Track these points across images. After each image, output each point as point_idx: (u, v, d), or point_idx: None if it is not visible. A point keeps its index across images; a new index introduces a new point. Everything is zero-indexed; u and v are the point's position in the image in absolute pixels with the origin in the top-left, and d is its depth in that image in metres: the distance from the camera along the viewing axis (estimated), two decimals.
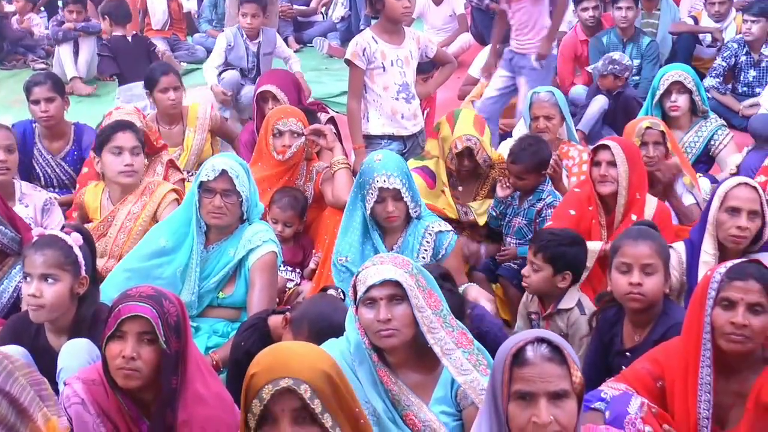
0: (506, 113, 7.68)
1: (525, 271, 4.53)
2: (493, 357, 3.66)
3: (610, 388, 3.38)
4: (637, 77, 8.09)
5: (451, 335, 3.34)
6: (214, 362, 4.16)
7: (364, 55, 5.92)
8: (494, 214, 5.60)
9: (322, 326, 3.69)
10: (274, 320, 3.97)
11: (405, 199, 4.65)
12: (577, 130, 7.08)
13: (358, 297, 3.38)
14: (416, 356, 3.42)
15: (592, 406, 3.27)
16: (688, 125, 6.29)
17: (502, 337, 4.08)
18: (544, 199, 5.44)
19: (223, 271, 4.53)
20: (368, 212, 4.67)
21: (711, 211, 4.34)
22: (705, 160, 6.33)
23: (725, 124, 6.52)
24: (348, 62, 5.99)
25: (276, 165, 5.60)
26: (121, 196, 5.12)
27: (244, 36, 8.09)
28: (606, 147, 4.90)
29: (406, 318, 3.32)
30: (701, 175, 6.02)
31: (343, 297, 4.02)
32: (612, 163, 4.86)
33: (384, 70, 5.93)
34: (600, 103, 7.47)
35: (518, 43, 7.24)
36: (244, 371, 2.71)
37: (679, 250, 4.44)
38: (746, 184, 4.29)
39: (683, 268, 4.42)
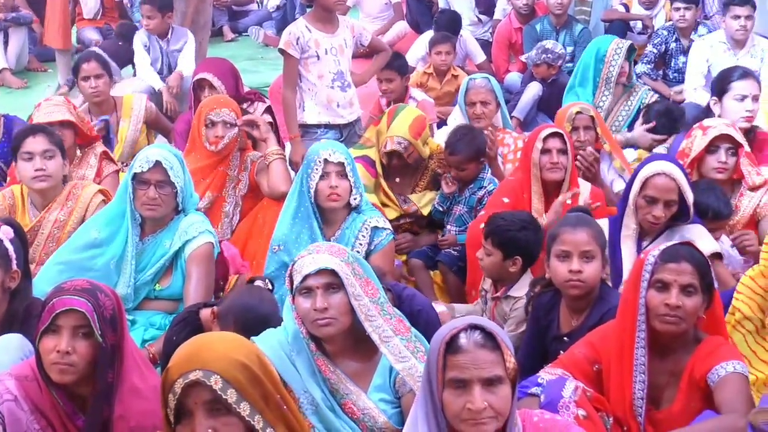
0: (442, 101, 7.72)
1: (479, 254, 4.55)
2: (427, 335, 3.73)
3: (546, 374, 3.41)
4: (570, 64, 8.17)
5: (389, 323, 3.35)
6: (151, 355, 4.12)
7: (297, 44, 5.89)
8: (441, 209, 5.61)
9: (248, 318, 3.69)
10: (205, 314, 3.95)
11: (349, 178, 4.66)
12: (512, 117, 7.16)
13: (294, 286, 3.37)
14: (354, 344, 3.42)
15: (529, 391, 3.29)
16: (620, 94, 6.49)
17: (433, 314, 4.15)
18: (485, 186, 5.49)
19: (159, 263, 4.50)
20: (312, 193, 4.65)
21: (631, 193, 4.40)
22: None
23: (650, 89, 6.74)
24: (282, 52, 5.97)
25: (209, 156, 5.53)
26: (43, 202, 4.93)
27: (155, 35, 8.07)
28: (556, 135, 4.97)
29: (342, 306, 3.32)
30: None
31: (271, 288, 4.01)
32: (563, 151, 4.94)
33: (318, 59, 5.91)
34: (534, 90, 7.55)
35: None
36: None
37: (602, 225, 4.49)
38: (664, 173, 4.31)
39: (605, 242, 4.48)
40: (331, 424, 3.34)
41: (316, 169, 4.64)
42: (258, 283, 3.99)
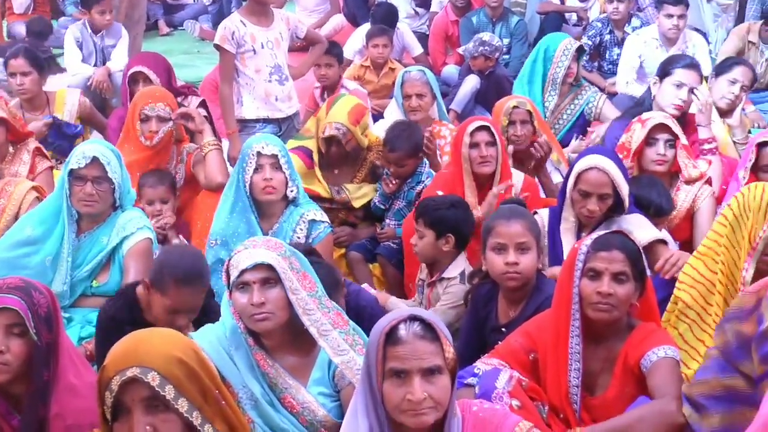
0: (379, 94, 7.74)
1: (413, 239, 4.57)
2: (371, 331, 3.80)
3: (483, 364, 3.43)
4: (507, 56, 8.24)
5: (327, 316, 3.34)
6: (88, 352, 4.08)
7: (233, 38, 5.86)
8: (381, 207, 5.62)
9: (186, 271, 3.72)
10: (139, 290, 3.94)
11: (283, 170, 4.65)
12: (449, 109, 7.19)
13: (231, 281, 3.36)
14: (293, 339, 3.42)
15: (466, 381, 3.31)
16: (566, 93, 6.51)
17: (378, 310, 4.15)
18: (423, 181, 5.51)
19: (96, 260, 4.47)
20: (247, 186, 4.64)
21: (567, 187, 4.45)
22: (581, 124, 6.54)
23: (597, 90, 6.78)
24: (217, 47, 5.93)
25: (144, 149, 5.46)
26: None
27: (89, 30, 7.95)
28: (483, 128, 4.98)
29: (279, 301, 3.31)
30: None
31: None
32: (491, 143, 4.95)
33: (255, 53, 5.89)
34: (472, 82, 7.58)
35: None
36: (109, 338, 2.73)
37: (542, 215, 4.54)
38: (597, 168, 4.32)
39: (545, 231, 4.51)
40: (271, 418, 3.33)
41: (250, 163, 4.63)
42: (174, 241, 3.96)
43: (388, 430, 2.62)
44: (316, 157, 5.58)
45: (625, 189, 4.35)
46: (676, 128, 4.96)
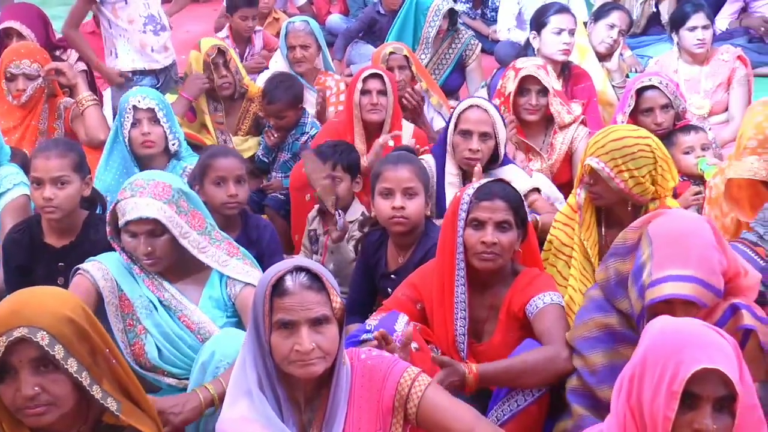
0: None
1: (323, 185, 4.48)
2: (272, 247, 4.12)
3: (373, 320, 3.43)
4: None
5: (221, 248, 3.50)
6: None
7: None
8: (265, 160, 5.62)
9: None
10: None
11: (162, 124, 4.62)
12: (335, 59, 7.16)
13: (119, 224, 3.41)
14: (186, 265, 3.51)
15: (361, 338, 3.31)
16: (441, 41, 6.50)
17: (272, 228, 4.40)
18: (308, 132, 5.51)
19: None
20: (126, 140, 4.61)
21: (448, 134, 4.50)
22: (459, 71, 6.56)
23: (474, 35, 6.82)
24: None
25: (14, 109, 5.31)
26: None
27: None
28: (376, 76, 5.00)
29: (167, 247, 3.41)
30: None
31: None
32: (382, 92, 4.98)
33: (126, 3, 5.74)
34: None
35: None
36: (12, 259, 3.39)
37: (429, 163, 4.57)
38: (477, 106, 4.43)
39: (433, 179, 4.56)
40: (168, 325, 3.41)
41: (128, 117, 4.61)
42: None
43: (277, 381, 2.63)
44: (204, 106, 5.60)
45: (502, 134, 4.43)
46: (546, 79, 5.00)
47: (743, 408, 2.27)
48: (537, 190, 4.53)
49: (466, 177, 4.50)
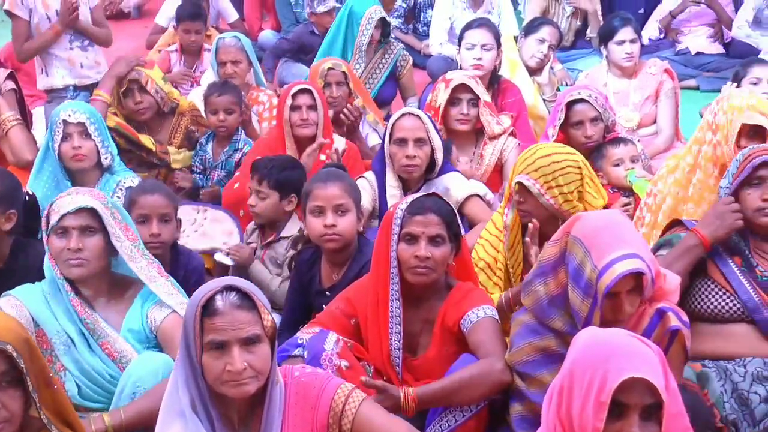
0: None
1: (251, 200, 4.54)
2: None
3: (305, 333, 3.43)
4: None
5: (152, 265, 3.45)
6: None
7: (23, 4, 5.72)
8: (198, 171, 5.60)
9: None
10: None
11: (93, 138, 4.60)
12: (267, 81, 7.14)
13: (50, 226, 3.35)
14: (108, 289, 3.46)
15: (292, 353, 3.31)
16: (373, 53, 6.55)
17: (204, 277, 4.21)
18: (241, 148, 5.51)
19: None
20: (57, 154, 4.60)
21: (385, 145, 4.55)
22: (393, 81, 6.63)
23: (404, 47, 6.89)
24: (8, 13, 5.77)
25: None
26: None
27: None
28: (306, 91, 5.03)
29: (96, 249, 3.36)
30: None
31: None
32: (312, 107, 5.01)
33: (50, 21, 5.73)
34: None
35: None
36: None
37: (369, 179, 4.63)
38: (409, 113, 4.53)
39: (375, 194, 4.63)
40: (86, 361, 3.33)
41: (58, 131, 4.59)
42: None
43: (210, 402, 2.61)
44: None
45: (437, 140, 4.48)
46: (478, 88, 5.11)
47: (669, 416, 2.31)
48: (478, 196, 4.58)
49: (406, 188, 4.54)
